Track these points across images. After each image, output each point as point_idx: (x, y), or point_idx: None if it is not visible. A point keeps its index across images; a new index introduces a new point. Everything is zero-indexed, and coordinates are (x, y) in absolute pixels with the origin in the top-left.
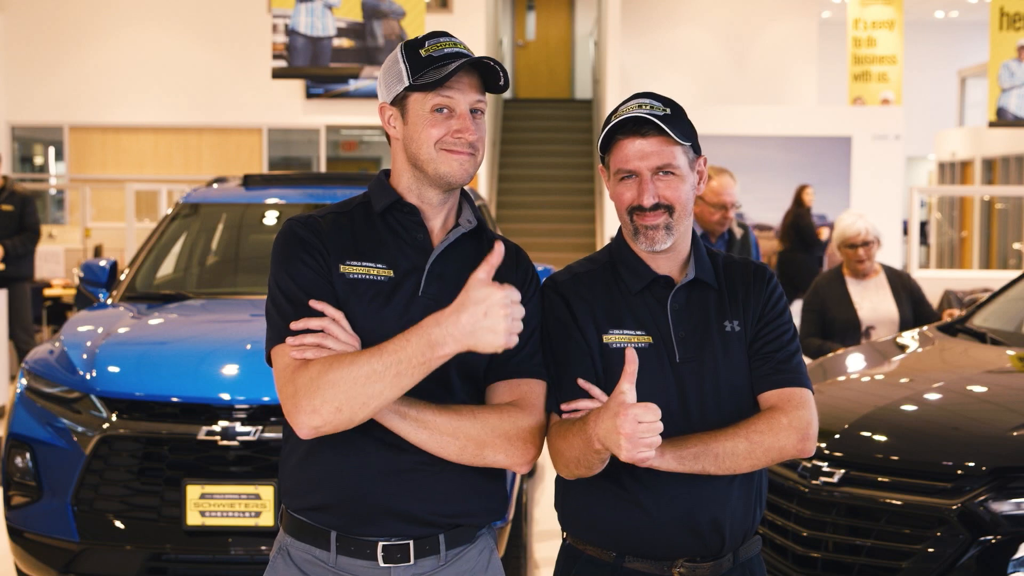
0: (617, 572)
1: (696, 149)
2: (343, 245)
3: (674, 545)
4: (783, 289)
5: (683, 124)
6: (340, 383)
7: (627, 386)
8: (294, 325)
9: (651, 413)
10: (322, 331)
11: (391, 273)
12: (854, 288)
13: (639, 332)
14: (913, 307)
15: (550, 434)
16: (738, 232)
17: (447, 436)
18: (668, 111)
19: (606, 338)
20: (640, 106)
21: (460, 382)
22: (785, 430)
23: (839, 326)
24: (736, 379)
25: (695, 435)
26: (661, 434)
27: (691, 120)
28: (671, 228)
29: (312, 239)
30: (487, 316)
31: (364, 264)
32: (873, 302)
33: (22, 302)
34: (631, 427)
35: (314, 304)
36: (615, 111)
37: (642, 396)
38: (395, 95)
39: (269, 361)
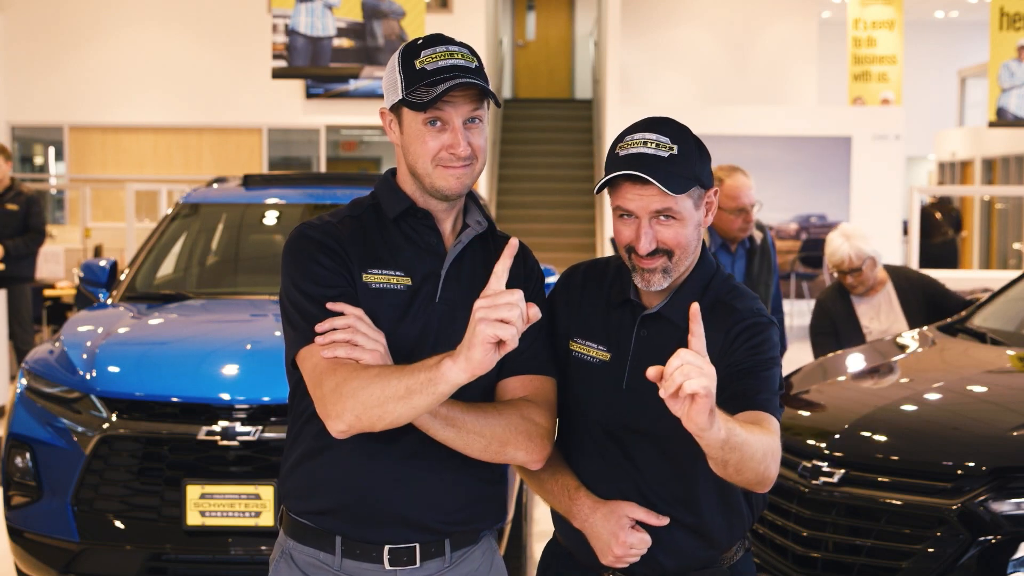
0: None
1: (705, 184)
2: (362, 253)
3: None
4: None
5: (689, 164)
6: (359, 393)
7: (641, 515)
8: (320, 327)
9: (643, 544)
10: (349, 328)
11: (409, 281)
12: (861, 307)
13: (601, 347)
14: (932, 308)
15: (531, 473)
16: (758, 236)
17: (473, 434)
18: (674, 149)
19: (570, 344)
20: (646, 143)
21: (471, 385)
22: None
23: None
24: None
25: (738, 422)
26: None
27: (703, 149)
28: (669, 271)
29: (329, 242)
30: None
31: (384, 272)
32: (884, 322)
33: (22, 302)
34: (623, 551)
35: (332, 306)
36: (620, 140)
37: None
38: (391, 104)
39: (291, 366)
